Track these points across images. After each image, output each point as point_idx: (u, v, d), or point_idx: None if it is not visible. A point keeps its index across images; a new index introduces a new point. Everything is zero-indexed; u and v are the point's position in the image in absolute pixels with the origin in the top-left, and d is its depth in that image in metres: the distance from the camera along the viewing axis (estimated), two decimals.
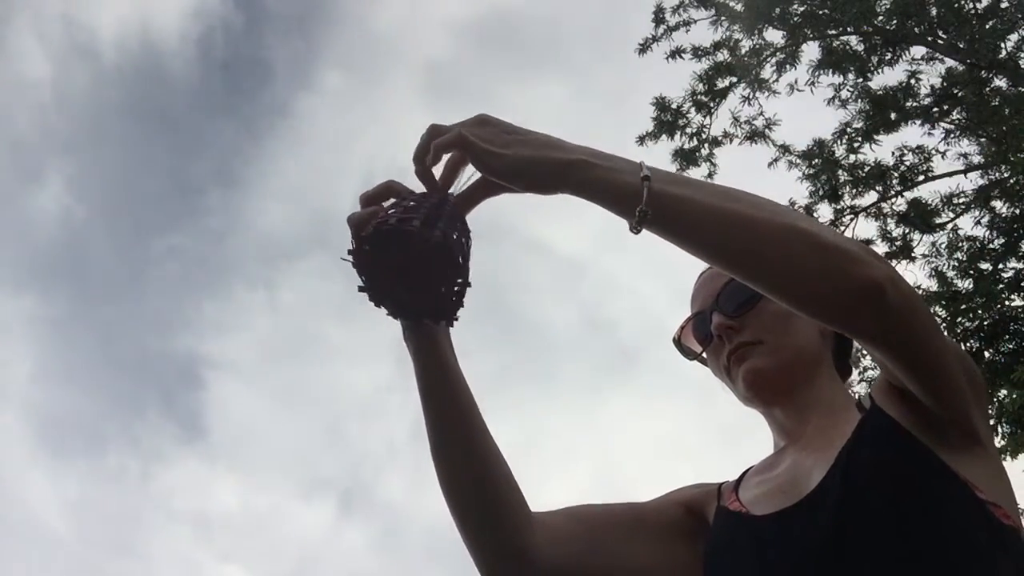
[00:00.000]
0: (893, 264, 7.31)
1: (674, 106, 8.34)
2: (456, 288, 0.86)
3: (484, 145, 0.82)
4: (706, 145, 8.41)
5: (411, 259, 0.82)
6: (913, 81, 7.55)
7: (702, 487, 1.12)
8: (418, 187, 0.89)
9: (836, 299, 0.79)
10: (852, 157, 7.72)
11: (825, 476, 0.90)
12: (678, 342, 1.18)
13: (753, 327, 1.06)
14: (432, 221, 0.81)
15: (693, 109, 8.38)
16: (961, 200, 7.35)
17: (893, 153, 7.64)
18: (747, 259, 0.80)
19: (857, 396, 1.05)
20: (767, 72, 8.18)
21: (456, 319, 0.88)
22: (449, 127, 0.85)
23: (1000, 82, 7.36)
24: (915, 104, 7.61)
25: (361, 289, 0.86)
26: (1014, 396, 6.13)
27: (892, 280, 0.78)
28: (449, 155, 0.88)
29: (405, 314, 0.90)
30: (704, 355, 1.14)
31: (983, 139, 7.40)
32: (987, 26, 7.26)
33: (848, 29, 7.77)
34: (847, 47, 7.82)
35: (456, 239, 0.83)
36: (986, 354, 6.71)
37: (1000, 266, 7.01)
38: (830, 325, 0.87)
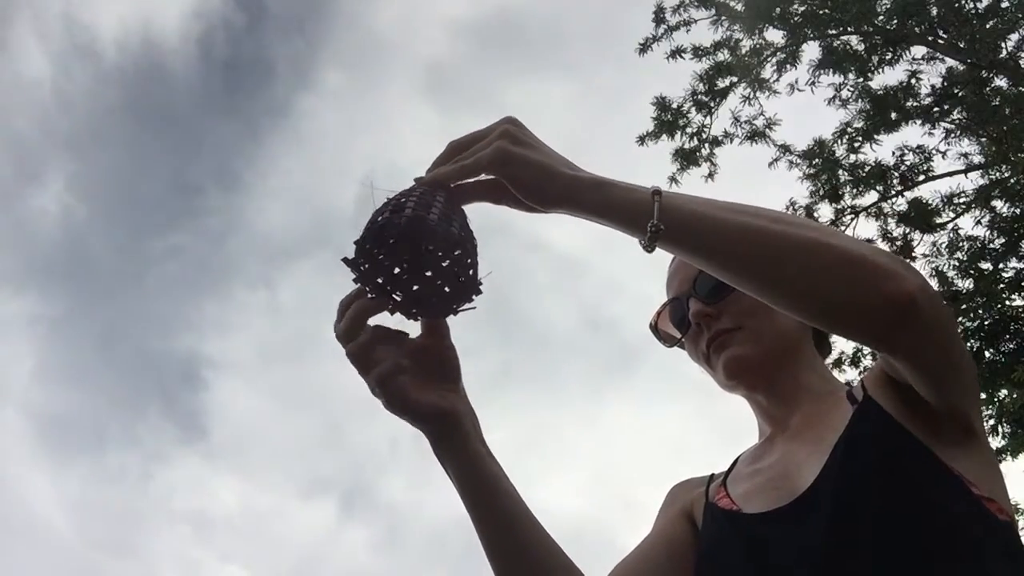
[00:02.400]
0: None
1: (674, 106, 8.34)
2: (468, 271, 0.80)
3: (515, 151, 0.78)
4: (706, 145, 8.41)
5: (414, 249, 0.78)
6: (913, 81, 7.55)
7: (691, 484, 1.11)
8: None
9: (868, 316, 0.75)
10: (853, 157, 7.72)
11: (820, 473, 0.89)
12: (655, 328, 1.16)
13: (732, 313, 1.04)
14: (426, 207, 0.77)
15: (693, 109, 8.38)
16: (962, 200, 7.34)
17: (894, 153, 7.65)
18: (769, 273, 0.76)
19: (848, 385, 1.03)
20: (767, 72, 8.19)
21: (470, 303, 0.82)
22: (475, 137, 0.81)
23: (1000, 82, 7.36)
24: (915, 104, 7.60)
25: (370, 292, 0.81)
26: (1014, 396, 6.13)
27: (925, 292, 0.75)
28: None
29: (422, 311, 0.84)
30: (683, 341, 1.12)
31: (983, 139, 7.39)
32: (987, 26, 7.26)
33: (848, 29, 7.76)
34: (847, 47, 7.81)
35: (455, 223, 0.79)
36: (986, 354, 6.71)
37: (1001, 266, 7.01)
38: (861, 342, 0.85)
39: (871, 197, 7.76)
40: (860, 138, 7.63)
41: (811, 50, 8.00)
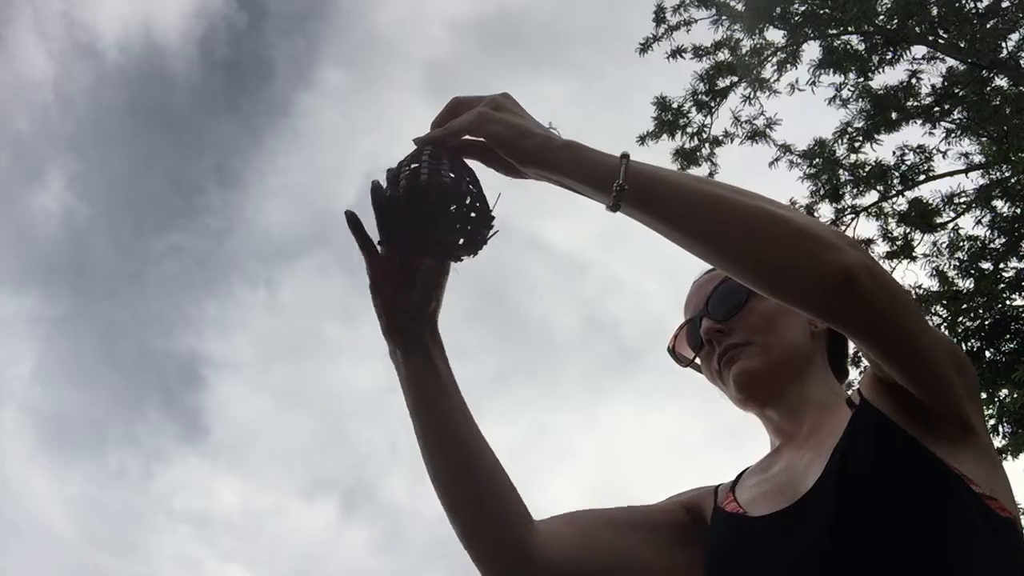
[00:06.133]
0: (894, 264, 7.35)
1: (675, 106, 8.33)
2: (476, 203, 0.87)
3: (494, 113, 0.86)
4: (707, 145, 8.41)
5: (429, 207, 0.85)
6: (914, 80, 7.55)
7: (699, 490, 1.13)
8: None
9: (809, 285, 0.78)
10: (853, 156, 7.72)
11: (820, 476, 0.90)
12: (672, 350, 1.18)
13: (742, 329, 1.06)
14: (415, 171, 0.85)
15: (694, 109, 8.37)
16: (962, 200, 7.35)
17: (894, 152, 7.65)
18: (721, 240, 0.80)
19: (847, 393, 1.05)
20: (768, 71, 8.19)
21: (491, 228, 0.89)
22: (472, 101, 0.88)
23: (1001, 81, 7.36)
24: (916, 103, 7.61)
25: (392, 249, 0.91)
26: (1015, 396, 6.13)
27: (865, 266, 0.77)
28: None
29: (459, 252, 0.91)
30: (697, 361, 1.14)
31: (984, 138, 7.39)
32: (988, 25, 7.26)
33: (849, 28, 7.76)
34: (848, 46, 7.81)
35: (444, 170, 0.86)
36: (987, 354, 6.70)
37: (1001, 265, 7.01)
38: (805, 311, 0.87)
39: (871, 197, 7.77)
40: (860, 138, 7.63)
41: (811, 50, 8.01)
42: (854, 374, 7.22)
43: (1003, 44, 7.12)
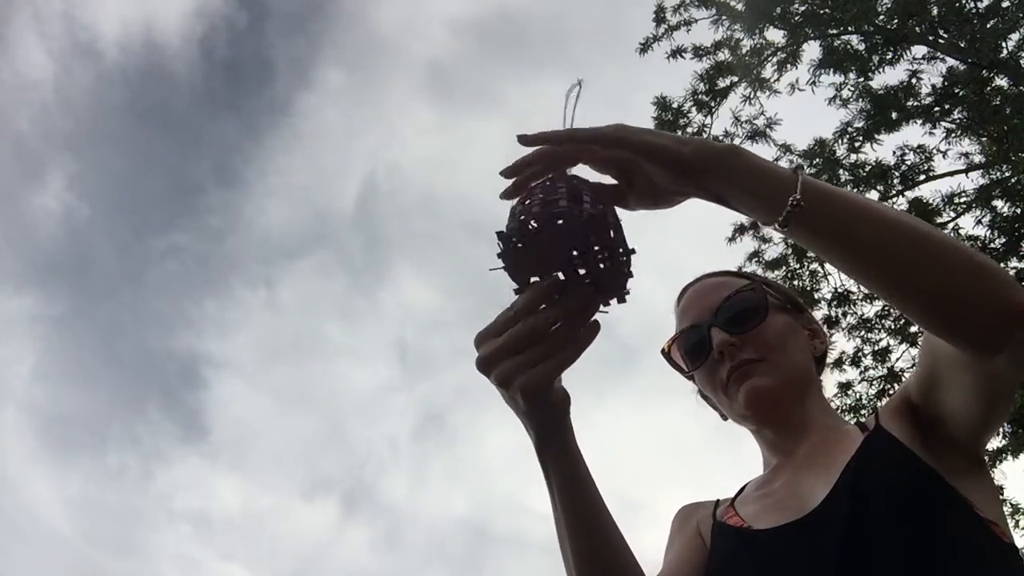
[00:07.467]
0: None
1: (675, 105, 8.33)
2: (622, 258, 0.75)
3: (634, 126, 0.77)
4: None
5: (569, 239, 0.74)
6: (914, 80, 7.54)
7: (699, 506, 1.12)
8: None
9: (988, 322, 0.74)
10: (853, 156, 7.71)
11: (831, 492, 0.90)
12: (667, 354, 1.16)
13: (755, 344, 1.05)
14: (577, 196, 0.73)
15: (694, 109, 8.37)
16: (962, 200, 7.34)
17: (894, 152, 7.64)
18: (900, 266, 0.73)
19: (855, 418, 1.05)
20: (768, 71, 8.19)
21: (627, 292, 0.77)
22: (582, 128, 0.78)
23: (1001, 81, 7.35)
24: (916, 103, 7.60)
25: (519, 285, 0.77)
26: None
27: None
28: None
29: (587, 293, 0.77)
30: (694, 369, 1.12)
31: (984, 138, 7.39)
32: (988, 25, 7.25)
33: (849, 28, 7.75)
34: (848, 46, 7.80)
35: (603, 208, 0.74)
36: None
37: (1001, 265, 7.00)
38: (962, 347, 0.78)
39: (872, 197, 7.76)
40: (860, 138, 7.62)
41: (811, 50, 8.01)
42: (853, 374, 7.21)
43: (1003, 44, 7.12)
